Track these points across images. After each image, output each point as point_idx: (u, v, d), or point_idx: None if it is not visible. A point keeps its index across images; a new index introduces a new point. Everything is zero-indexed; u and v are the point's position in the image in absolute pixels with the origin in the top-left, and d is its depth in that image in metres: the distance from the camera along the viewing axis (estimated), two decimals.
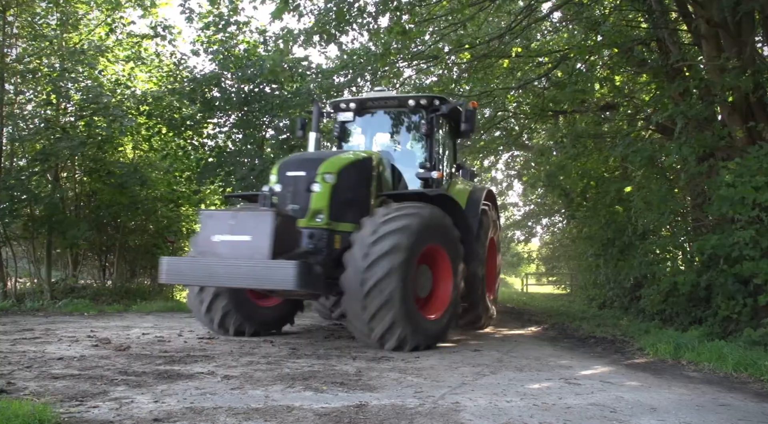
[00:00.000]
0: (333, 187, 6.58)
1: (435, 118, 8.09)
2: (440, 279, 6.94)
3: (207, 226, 6.06)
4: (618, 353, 7.07)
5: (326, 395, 4.01)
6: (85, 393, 3.81)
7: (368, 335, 6.10)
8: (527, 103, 16.67)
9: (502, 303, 19.01)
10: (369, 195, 6.98)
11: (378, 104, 8.38)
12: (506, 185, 27.92)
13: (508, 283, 46.74)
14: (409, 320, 6.12)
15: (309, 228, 6.41)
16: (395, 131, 8.72)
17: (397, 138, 8.75)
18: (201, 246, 6.04)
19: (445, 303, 6.87)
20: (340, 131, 8.72)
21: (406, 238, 6.08)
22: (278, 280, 5.62)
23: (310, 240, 6.35)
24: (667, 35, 10.01)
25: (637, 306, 11.55)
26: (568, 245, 23.87)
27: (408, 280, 6.11)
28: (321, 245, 6.36)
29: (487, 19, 13.58)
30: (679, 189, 10.44)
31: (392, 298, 5.89)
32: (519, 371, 5.33)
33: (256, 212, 6.06)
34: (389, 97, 8.43)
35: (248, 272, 5.66)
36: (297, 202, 6.58)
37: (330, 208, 6.53)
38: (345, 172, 6.75)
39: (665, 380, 5.17)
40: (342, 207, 6.63)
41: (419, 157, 8.43)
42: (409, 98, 8.15)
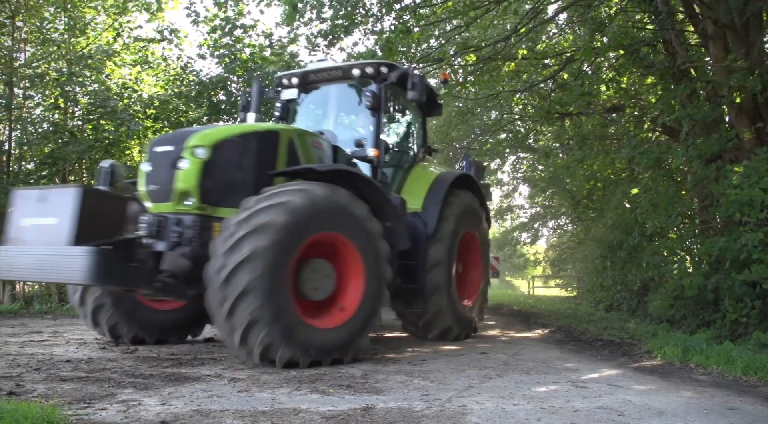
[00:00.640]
0: (205, 163, 5.39)
1: (383, 88, 7.08)
2: (348, 278, 5.64)
3: (17, 207, 5.12)
4: (625, 356, 7.04)
5: (333, 397, 4.01)
6: (93, 395, 3.83)
7: (230, 339, 4.91)
8: (533, 106, 16.65)
9: (508, 306, 18.98)
10: (267, 176, 5.78)
11: (322, 77, 7.42)
12: (512, 188, 27.86)
13: (515, 285, 46.67)
14: (282, 327, 4.87)
15: (177, 214, 5.34)
16: (344, 107, 7.65)
17: (349, 115, 7.67)
18: (11, 232, 5.08)
19: (352, 308, 5.53)
20: (282, 110, 7.72)
21: (276, 225, 4.89)
22: (67, 272, 4.63)
23: (177, 228, 5.26)
24: (674, 36, 9.99)
25: (644, 309, 11.50)
26: (574, 248, 23.80)
27: (279, 276, 4.88)
28: (190, 235, 5.26)
29: (492, 22, 13.58)
30: (687, 191, 10.40)
31: (253, 297, 4.72)
32: (526, 374, 5.31)
33: (62, 189, 5.14)
34: (333, 67, 7.42)
35: (42, 263, 4.75)
36: (160, 182, 5.42)
37: (201, 190, 5.36)
38: (224, 147, 5.56)
39: (673, 384, 5.14)
40: (223, 189, 5.48)
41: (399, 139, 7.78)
42: (354, 67, 7.16)
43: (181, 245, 5.24)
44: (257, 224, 4.85)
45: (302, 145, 6.21)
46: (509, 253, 37.83)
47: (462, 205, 7.72)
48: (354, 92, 7.47)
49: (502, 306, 19.10)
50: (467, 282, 8.26)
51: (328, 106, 7.65)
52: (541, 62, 13.63)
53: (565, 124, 16.72)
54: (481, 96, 15.20)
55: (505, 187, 27.24)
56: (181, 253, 5.21)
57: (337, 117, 7.61)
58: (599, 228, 15.30)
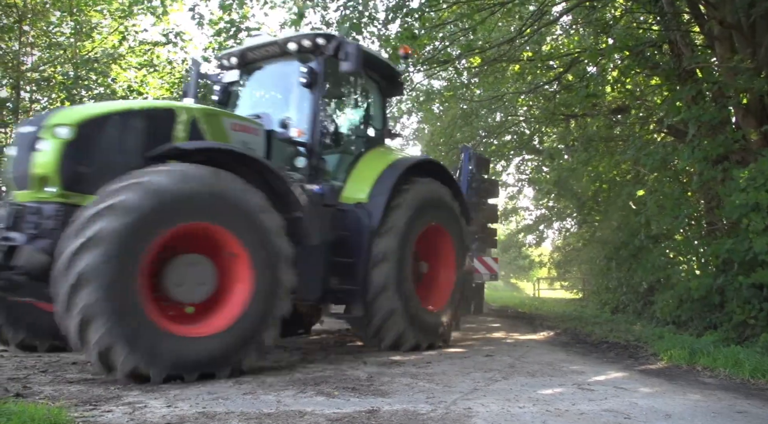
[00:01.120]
0: (68, 144, 4.66)
1: (321, 62, 6.35)
2: (232, 281, 4.82)
3: None
4: (631, 359, 7.01)
5: (338, 400, 4.01)
6: (99, 397, 3.84)
7: (71, 337, 4.17)
8: (538, 107, 16.63)
9: (513, 308, 18.95)
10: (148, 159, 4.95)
11: (262, 54, 6.77)
12: (517, 190, 27.79)
13: (520, 287, 46.58)
14: (127, 330, 4.13)
15: (37, 202, 4.63)
16: (283, 87, 6.84)
17: (289, 95, 6.79)
18: None
19: (232, 315, 4.65)
20: (221, 94, 7.07)
21: (127, 206, 4.18)
22: None
23: (34, 218, 4.57)
24: (680, 37, 9.96)
25: (650, 311, 11.45)
26: (580, 249, 23.74)
27: (126, 265, 4.15)
28: (50, 226, 4.52)
29: (497, 24, 13.58)
30: (693, 192, 10.36)
31: (91, 288, 4.02)
32: (531, 377, 5.29)
33: None
34: (270, 43, 6.69)
35: None
36: (21, 167, 4.76)
37: (64, 175, 4.63)
38: (94, 126, 4.81)
39: (680, 386, 5.12)
40: (96, 174, 4.66)
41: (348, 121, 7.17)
42: (290, 41, 6.44)
43: (40, 237, 4.54)
44: (107, 204, 4.17)
45: (213, 127, 5.40)
46: (514, 255, 37.75)
47: (422, 194, 6.83)
48: (294, 70, 6.57)
49: (507, 308, 19.06)
50: (434, 284, 7.36)
51: (268, 87, 7.03)
52: (545, 64, 13.62)
53: (570, 126, 16.69)
54: (486, 98, 15.19)
55: (510, 189, 27.15)
56: (39, 247, 4.51)
57: (277, 98, 6.96)
58: (605, 230, 15.25)
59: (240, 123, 5.73)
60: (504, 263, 37.79)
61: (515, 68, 14.25)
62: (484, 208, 13.11)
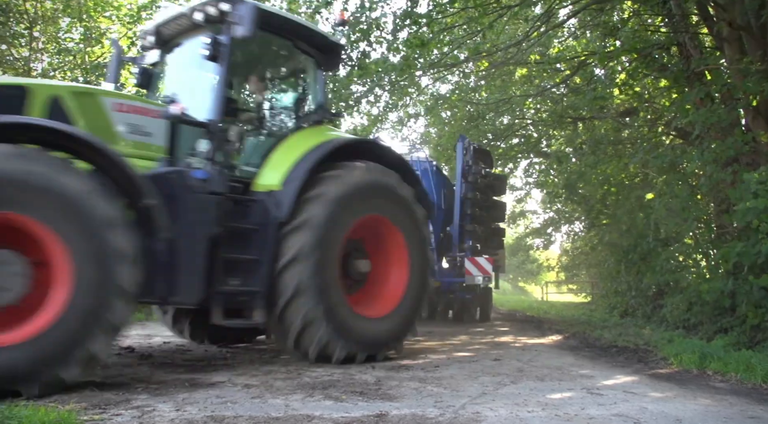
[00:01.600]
0: None
1: (226, 32, 5.58)
2: (50, 281, 4.11)
3: None
4: (641, 363, 6.96)
5: (346, 404, 4.00)
6: (108, 401, 3.85)
7: None
8: (545, 110, 16.60)
9: (521, 312, 18.87)
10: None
11: (175, 30, 6.13)
12: (525, 193, 27.73)
13: (528, 291, 46.41)
14: None
15: None
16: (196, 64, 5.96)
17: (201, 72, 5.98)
18: None
19: (45, 322, 3.96)
20: (140, 77, 6.46)
21: None
22: None
23: None
24: (688, 39, 9.91)
25: (660, 315, 11.38)
26: (588, 253, 23.64)
27: None
28: None
29: (504, 27, 13.58)
30: (702, 195, 10.29)
31: None
32: (540, 381, 5.26)
33: None
34: (179, 15, 6.03)
35: None
36: None
37: None
38: None
39: (690, 391, 5.07)
40: None
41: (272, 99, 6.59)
42: (195, 11, 5.78)
43: None
44: None
45: (86, 108, 4.84)
46: (522, 258, 37.64)
47: (355, 180, 5.93)
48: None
49: (515, 312, 19.00)
50: (381, 286, 6.48)
51: (186, 65, 6.36)
52: (553, 67, 13.60)
53: (578, 129, 16.65)
54: (493, 101, 15.18)
55: (517, 192, 27.10)
56: None
57: (194, 77, 6.22)
58: (613, 233, 15.18)
59: (128, 103, 5.18)
60: (512, 267, 37.71)
61: (522, 71, 14.23)
62: (486, 204, 12.62)
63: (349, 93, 13.19)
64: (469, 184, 11.89)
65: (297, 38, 6.30)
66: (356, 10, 10.78)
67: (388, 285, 6.46)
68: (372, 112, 16.56)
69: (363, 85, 13.25)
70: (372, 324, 6.06)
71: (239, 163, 5.95)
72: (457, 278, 11.88)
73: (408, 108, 18.25)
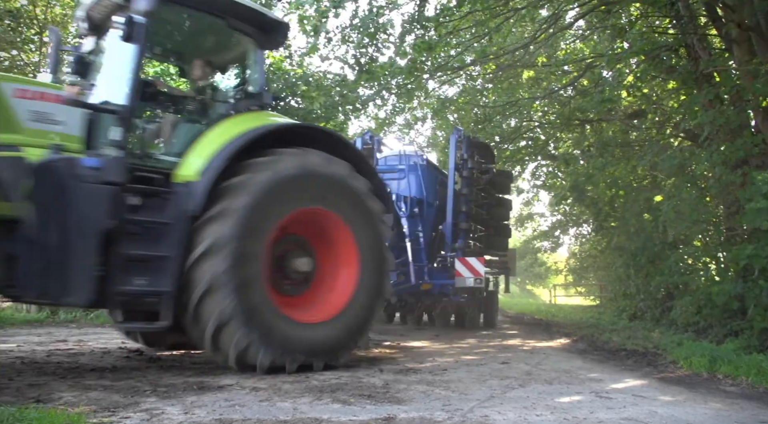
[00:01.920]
0: None
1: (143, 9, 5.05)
2: None
3: None
4: (650, 366, 6.91)
5: (354, 407, 4.00)
6: (117, 404, 3.87)
7: None
8: (553, 113, 16.57)
9: (529, 315, 18.80)
10: None
11: (103, 13, 5.67)
12: (532, 196, 27.64)
13: (536, 294, 46.22)
14: None
15: None
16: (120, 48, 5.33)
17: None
18: None
19: None
20: (75, 65, 5.81)
21: None
22: None
23: None
24: (696, 41, 9.87)
25: (669, 318, 11.30)
26: (596, 256, 23.53)
27: None
28: None
29: (511, 30, 13.57)
30: (711, 197, 10.23)
31: None
32: (548, 384, 5.24)
33: None
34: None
35: None
36: None
37: None
38: None
39: (701, 395, 5.03)
40: None
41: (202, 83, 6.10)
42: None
43: None
44: None
45: None
46: (530, 261, 37.51)
47: (288, 169, 5.36)
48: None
49: (523, 315, 18.93)
50: (324, 288, 5.88)
51: (109, 49, 5.87)
52: (560, 69, 13.57)
53: (586, 131, 16.59)
54: (500, 104, 15.17)
55: (525, 194, 27.02)
56: None
57: (113, 61, 5.78)
58: (621, 236, 15.10)
59: (34, 90, 4.89)
60: (520, 270, 37.53)
61: (530, 74, 14.21)
62: (487, 202, 11.83)
63: (357, 96, 13.22)
64: (465, 179, 10.99)
65: (230, 16, 5.76)
66: (365, 15, 10.81)
67: (334, 288, 5.81)
68: (379, 115, 16.61)
69: (370, 88, 13.27)
70: (306, 330, 5.39)
71: (159, 152, 5.50)
72: (449, 279, 10.73)
73: (415, 111, 18.28)
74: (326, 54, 12.02)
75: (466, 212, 10.92)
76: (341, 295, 5.75)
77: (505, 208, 12.99)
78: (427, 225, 11.03)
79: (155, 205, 5.02)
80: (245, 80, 6.25)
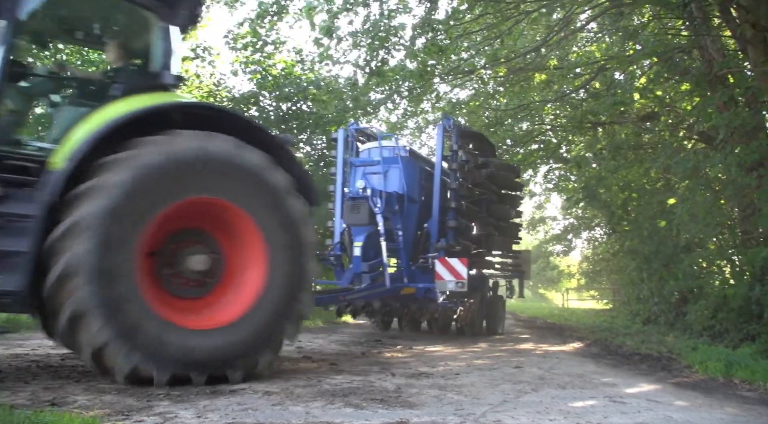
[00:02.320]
0: None
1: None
2: None
3: None
4: (665, 371, 6.84)
5: (366, 411, 3.99)
6: (131, 407, 3.89)
7: None
8: (564, 116, 16.49)
9: (542, 319, 18.69)
10: None
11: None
12: (544, 199, 27.52)
13: (548, 298, 45.96)
14: None
15: None
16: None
17: None
18: None
19: None
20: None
21: None
22: None
23: None
24: (710, 42, 9.79)
25: (683, 322, 11.19)
26: (609, 259, 23.36)
27: None
28: None
29: (522, 33, 13.54)
30: (726, 200, 10.13)
31: None
32: (562, 389, 5.20)
33: None
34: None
35: None
36: None
37: None
38: None
39: (717, 400, 4.97)
40: None
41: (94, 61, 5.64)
42: None
43: None
44: None
45: None
46: (543, 265, 37.33)
47: (184, 149, 4.78)
48: None
49: (536, 319, 18.82)
50: (228, 289, 5.20)
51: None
52: (572, 72, 13.51)
53: (598, 134, 16.49)
54: (512, 107, 15.13)
55: (537, 197, 26.90)
56: None
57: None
58: (634, 239, 14.99)
59: None
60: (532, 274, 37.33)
61: (541, 77, 14.16)
62: (486, 197, 10.72)
63: (368, 100, 13.26)
64: (455, 173, 9.73)
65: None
66: (376, 18, 10.85)
67: (238, 292, 5.11)
68: (391, 119, 16.64)
69: (381, 92, 13.30)
70: (189, 336, 4.69)
71: (36, 139, 5.06)
72: (432, 283, 9.35)
73: (427, 115, 18.27)
74: (338, 58, 12.04)
75: (456, 208, 9.66)
76: (241, 301, 5.03)
77: (509, 205, 11.83)
78: (409, 223, 9.80)
79: (23, 196, 4.52)
80: (141, 58, 5.67)
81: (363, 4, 10.77)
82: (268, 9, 11.35)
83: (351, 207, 9.01)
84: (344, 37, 11.18)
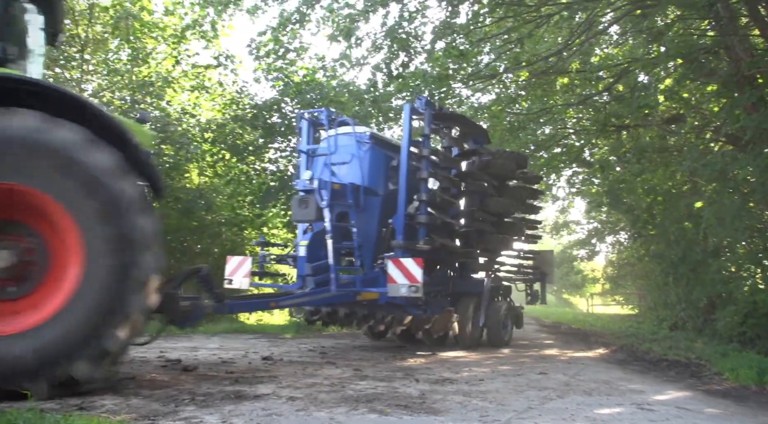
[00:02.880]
0: None
1: None
2: None
3: None
4: (694, 378, 6.70)
5: (390, 418, 3.98)
6: (157, 412, 3.93)
7: None
8: (587, 119, 16.33)
9: (567, 325, 18.45)
10: None
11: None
12: (567, 203, 27.21)
13: (573, 303, 45.38)
14: None
15: None
16: None
17: None
18: None
19: None
20: None
21: None
22: None
23: None
24: (737, 42, 9.60)
25: (712, 327, 10.96)
26: (634, 264, 23.01)
27: None
28: None
29: (543, 36, 13.45)
30: (755, 203, 9.91)
31: None
32: (588, 396, 5.12)
33: None
34: None
35: None
36: None
37: None
38: None
39: (749, 409, 4.85)
40: None
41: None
42: None
43: None
44: None
45: None
46: (566, 270, 36.89)
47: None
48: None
49: (560, 325, 18.59)
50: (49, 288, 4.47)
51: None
52: (595, 74, 13.36)
53: (622, 137, 16.28)
54: (534, 111, 15.02)
55: (560, 202, 26.61)
56: None
57: None
58: (660, 244, 14.74)
59: None
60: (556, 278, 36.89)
61: (564, 80, 14.04)
62: (474, 190, 9.62)
63: (389, 106, 13.28)
64: (427, 161, 8.42)
65: None
66: (395, 22, 10.87)
67: (55, 292, 4.42)
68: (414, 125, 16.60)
69: (402, 98, 13.31)
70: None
71: None
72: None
73: None
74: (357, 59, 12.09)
75: (427, 201, 8.36)
76: (58, 297, 4.38)
77: (511, 198, 10.22)
78: (369, 218, 8.58)
79: None
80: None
81: (382, 4, 10.74)
82: (291, 18, 11.45)
83: (298, 202, 7.91)
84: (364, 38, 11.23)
